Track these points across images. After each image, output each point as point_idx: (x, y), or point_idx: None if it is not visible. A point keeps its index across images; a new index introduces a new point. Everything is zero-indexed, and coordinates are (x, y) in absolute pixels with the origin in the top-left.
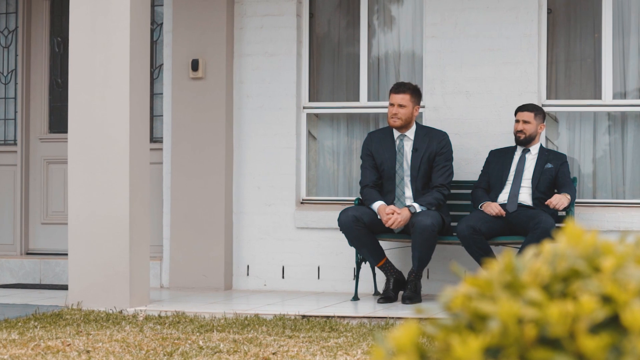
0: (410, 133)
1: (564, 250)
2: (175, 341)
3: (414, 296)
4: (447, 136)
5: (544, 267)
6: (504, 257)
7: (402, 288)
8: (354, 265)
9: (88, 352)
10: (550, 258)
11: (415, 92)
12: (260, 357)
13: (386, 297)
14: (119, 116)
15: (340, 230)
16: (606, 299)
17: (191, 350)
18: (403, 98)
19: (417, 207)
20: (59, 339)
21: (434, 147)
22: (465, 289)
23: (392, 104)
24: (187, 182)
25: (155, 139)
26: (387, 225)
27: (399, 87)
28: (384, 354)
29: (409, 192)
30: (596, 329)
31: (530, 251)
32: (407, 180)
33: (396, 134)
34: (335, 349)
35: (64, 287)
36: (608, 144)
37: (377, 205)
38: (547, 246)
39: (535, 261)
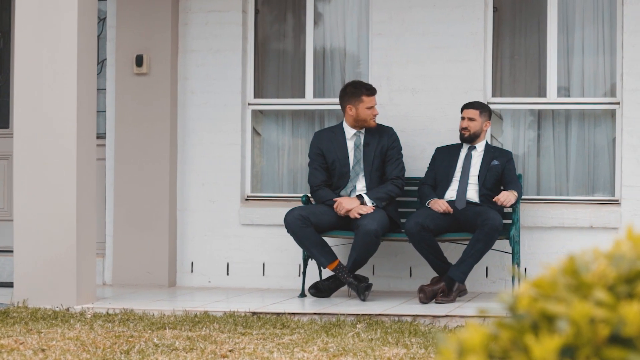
0: (362, 129)
1: (624, 252)
2: (129, 339)
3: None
4: (394, 130)
5: (609, 269)
6: (566, 259)
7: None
8: (300, 262)
9: (43, 350)
10: (612, 260)
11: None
12: (218, 355)
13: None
14: (66, 112)
15: (287, 231)
16: None
17: (147, 348)
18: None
19: (367, 201)
20: (10, 337)
21: (385, 141)
22: (528, 290)
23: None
24: (131, 179)
25: (97, 134)
26: (351, 213)
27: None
28: (452, 354)
29: (360, 186)
30: None
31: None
32: (361, 175)
33: (349, 132)
34: (291, 346)
35: (6, 285)
36: (552, 141)
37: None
38: (606, 248)
39: (599, 263)
